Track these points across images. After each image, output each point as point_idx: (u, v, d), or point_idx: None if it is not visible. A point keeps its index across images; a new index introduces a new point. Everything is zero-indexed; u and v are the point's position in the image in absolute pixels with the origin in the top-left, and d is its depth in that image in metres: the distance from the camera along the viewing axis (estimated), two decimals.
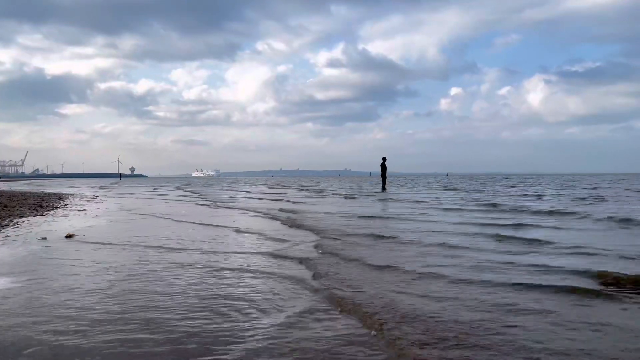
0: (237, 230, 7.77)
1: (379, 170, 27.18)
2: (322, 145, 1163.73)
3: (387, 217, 9.90)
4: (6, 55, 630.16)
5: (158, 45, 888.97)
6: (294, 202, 14.93)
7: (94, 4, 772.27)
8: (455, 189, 25.68)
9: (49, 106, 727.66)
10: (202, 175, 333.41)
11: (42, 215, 10.76)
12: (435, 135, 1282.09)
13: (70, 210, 12.52)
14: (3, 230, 7.73)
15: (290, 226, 8.26)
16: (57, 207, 13.30)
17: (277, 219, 9.56)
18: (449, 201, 15.02)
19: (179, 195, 22.70)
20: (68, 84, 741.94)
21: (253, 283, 3.99)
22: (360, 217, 9.81)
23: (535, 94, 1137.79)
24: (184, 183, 55.67)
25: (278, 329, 2.80)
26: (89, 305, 3.33)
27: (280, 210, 11.87)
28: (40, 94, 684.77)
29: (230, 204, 15.49)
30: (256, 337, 2.67)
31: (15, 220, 9.30)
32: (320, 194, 22.49)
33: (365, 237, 6.65)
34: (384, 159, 26.64)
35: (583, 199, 15.50)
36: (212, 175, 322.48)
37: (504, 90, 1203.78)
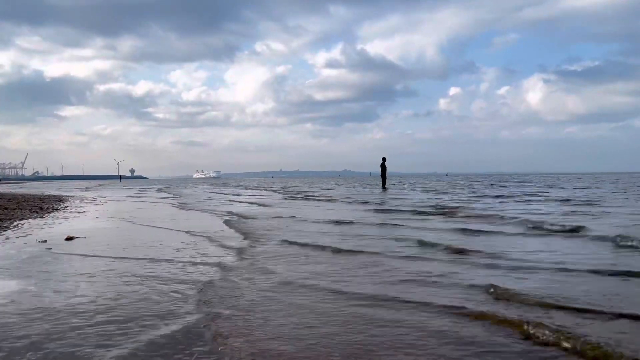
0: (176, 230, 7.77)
1: (379, 170, 27.21)
2: (322, 145, 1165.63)
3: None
4: (5, 57, 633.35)
5: (157, 46, 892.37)
6: (264, 205, 14.43)
7: (92, 6, 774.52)
8: (427, 191, 25.58)
9: (48, 108, 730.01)
10: (203, 176, 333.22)
11: (42, 217, 10.77)
12: (435, 135, 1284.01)
13: (70, 212, 12.54)
14: (3, 232, 7.74)
15: (232, 228, 8.14)
16: (57, 210, 13.32)
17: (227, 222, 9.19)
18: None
19: (156, 198, 22.24)
20: (67, 85, 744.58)
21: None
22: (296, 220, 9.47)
23: (534, 93, 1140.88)
24: (175, 185, 55.40)
25: None
26: None
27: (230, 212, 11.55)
28: (39, 96, 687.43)
29: (198, 205, 15.32)
30: None
31: (15, 223, 9.31)
32: (302, 196, 22.25)
33: (279, 244, 6.18)
34: (384, 159, 26.66)
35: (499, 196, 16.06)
36: (213, 177, 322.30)
37: (503, 90, 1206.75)
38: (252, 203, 16.12)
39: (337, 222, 8.74)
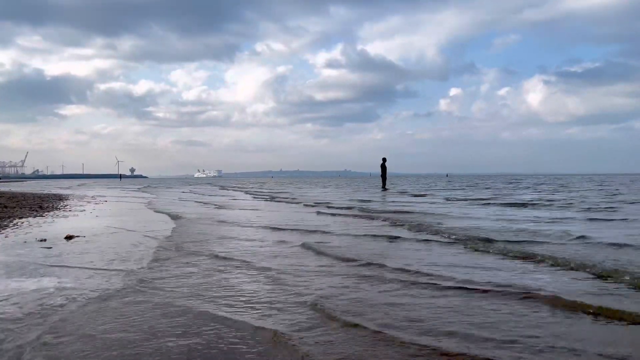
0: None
1: (379, 170, 27.23)
2: (322, 145, 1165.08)
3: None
4: (5, 56, 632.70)
5: (157, 46, 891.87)
6: (218, 207, 14.38)
7: (93, 6, 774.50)
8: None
9: (49, 107, 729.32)
10: (204, 175, 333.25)
11: (42, 216, 10.76)
12: (435, 135, 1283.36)
13: (69, 211, 12.52)
14: (3, 231, 7.73)
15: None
16: (56, 208, 13.31)
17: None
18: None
19: (132, 197, 22.26)
20: (67, 85, 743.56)
21: None
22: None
23: (535, 94, 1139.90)
24: (166, 184, 55.46)
25: None
26: None
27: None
28: (39, 95, 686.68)
29: (160, 207, 15.24)
30: None
31: (15, 221, 9.29)
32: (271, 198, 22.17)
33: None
34: (384, 160, 26.67)
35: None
36: (214, 176, 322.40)
37: (503, 91, 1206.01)
38: (207, 203, 16.29)
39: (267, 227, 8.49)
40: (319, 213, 11.67)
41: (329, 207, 13.54)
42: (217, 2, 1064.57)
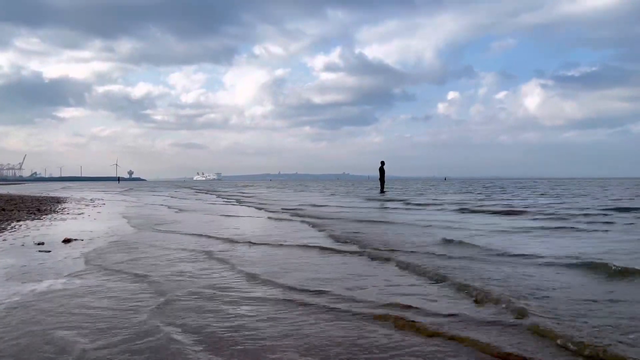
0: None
1: (378, 174, 27.27)
2: (320, 148, 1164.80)
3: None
4: (3, 58, 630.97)
5: (155, 49, 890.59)
6: (179, 210, 14.42)
7: (91, 8, 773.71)
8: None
9: (47, 109, 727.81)
10: (204, 178, 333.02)
11: (40, 219, 10.75)
12: (433, 139, 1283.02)
13: (67, 214, 12.51)
14: (1, 234, 7.72)
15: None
16: (54, 211, 13.30)
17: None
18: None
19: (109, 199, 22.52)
20: (66, 87, 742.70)
21: None
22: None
23: (532, 98, 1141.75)
24: (155, 187, 55.39)
25: None
26: None
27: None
28: (38, 97, 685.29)
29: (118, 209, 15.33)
30: None
31: (13, 224, 9.28)
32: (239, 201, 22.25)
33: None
34: (383, 163, 26.69)
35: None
36: (214, 179, 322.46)
37: (500, 95, 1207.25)
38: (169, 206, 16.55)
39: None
40: (269, 218, 11.32)
41: (294, 215, 11.89)
42: (216, 5, 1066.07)
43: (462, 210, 12.66)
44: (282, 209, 14.17)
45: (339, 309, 3.31)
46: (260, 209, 14.76)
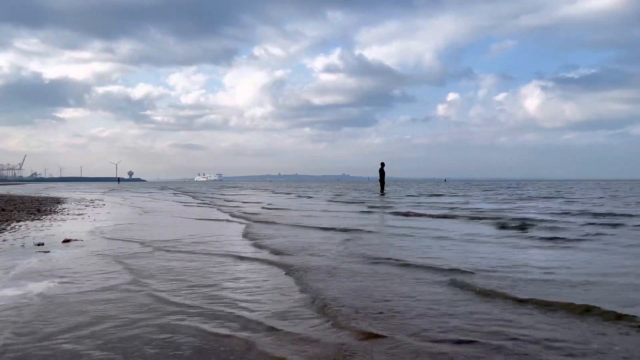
0: None
1: (378, 175, 27.28)
2: (320, 149, 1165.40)
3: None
4: (3, 59, 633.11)
5: (155, 50, 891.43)
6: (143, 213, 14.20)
7: (91, 9, 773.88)
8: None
9: (47, 110, 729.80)
10: (205, 179, 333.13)
11: (40, 219, 10.73)
12: (433, 140, 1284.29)
13: (67, 214, 12.49)
14: (0, 234, 7.70)
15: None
16: (54, 212, 13.27)
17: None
18: None
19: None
20: (65, 88, 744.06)
21: None
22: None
23: (532, 100, 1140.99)
24: (148, 187, 55.30)
25: None
26: None
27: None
28: (37, 97, 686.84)
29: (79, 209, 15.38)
30: None
31: (12, 224, 9.26)
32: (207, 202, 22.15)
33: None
34: (383, 164, 26.70)
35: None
36: (215, 180, 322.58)
37: (500, 96, 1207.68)
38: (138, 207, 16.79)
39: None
40: (228, 221, 10.70)
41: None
42: (215, 6, 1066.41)
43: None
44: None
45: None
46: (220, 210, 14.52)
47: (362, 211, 13.50)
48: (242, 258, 5.49)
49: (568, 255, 5.45)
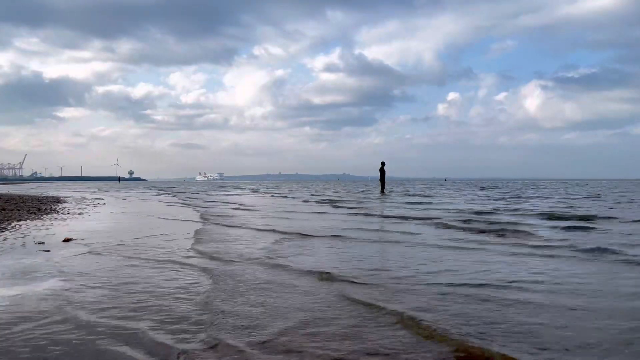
0: None
1: (378, 174, 27.29)
2: (321, 149, 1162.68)
3: None
4: (3, 58, 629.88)
5: (155, 49, 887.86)
6: (116, 213, 14.43)
7: (91, 8, 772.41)
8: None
9: (47, 109, 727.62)
10: (206, 178, 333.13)
11: (40, 218, 10.74)
12: (433, 140, 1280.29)
13: (68, 213, 12.51)
14: (1, 233, 7.72)
15: None
16: (55, 211, 13.30)
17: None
18: None
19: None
20: (66, 87, 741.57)
21: None
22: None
23: (532, 99, 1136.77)
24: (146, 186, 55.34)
25: None
26: None
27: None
28: (38, 97, 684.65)
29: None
30: None
31: (13, 224, 9.28)
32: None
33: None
34: (383, 164, 26.73)
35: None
36: (216, 179, 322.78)
37: (500, 96, 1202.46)
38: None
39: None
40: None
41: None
42: (215, 6, 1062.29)
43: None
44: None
45: None
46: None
47: (322, 212, 13.39)
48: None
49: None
